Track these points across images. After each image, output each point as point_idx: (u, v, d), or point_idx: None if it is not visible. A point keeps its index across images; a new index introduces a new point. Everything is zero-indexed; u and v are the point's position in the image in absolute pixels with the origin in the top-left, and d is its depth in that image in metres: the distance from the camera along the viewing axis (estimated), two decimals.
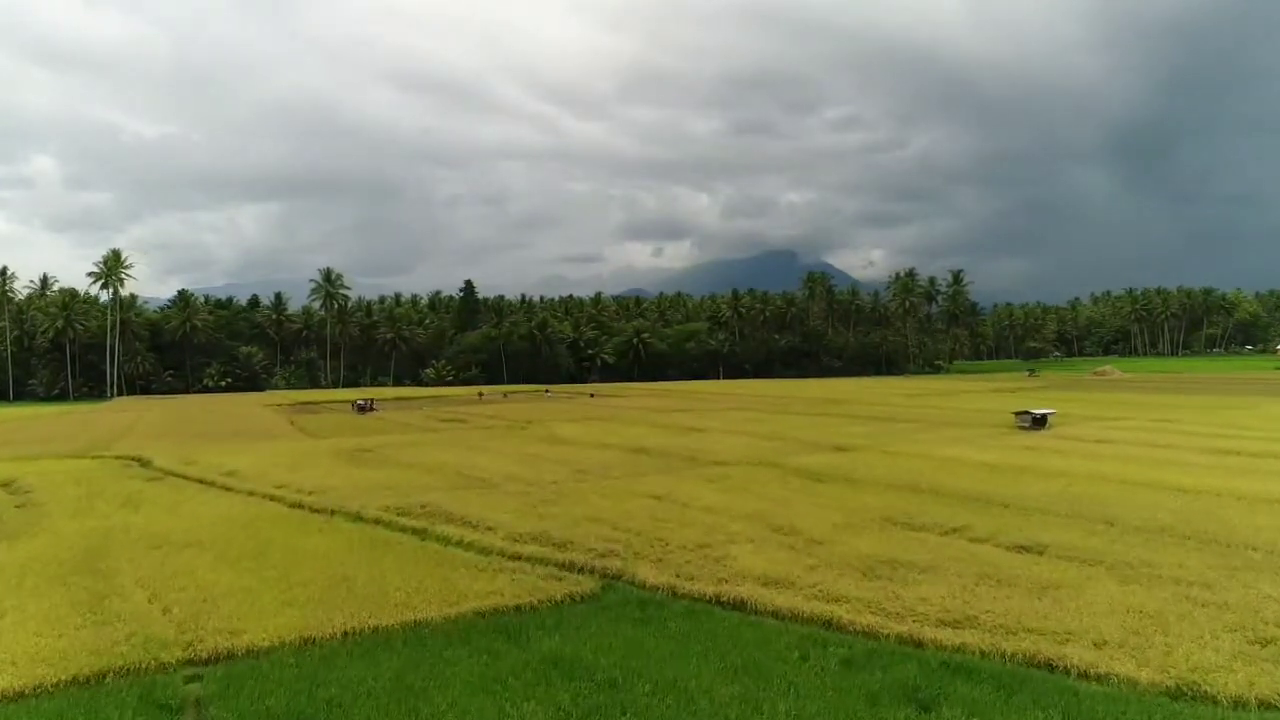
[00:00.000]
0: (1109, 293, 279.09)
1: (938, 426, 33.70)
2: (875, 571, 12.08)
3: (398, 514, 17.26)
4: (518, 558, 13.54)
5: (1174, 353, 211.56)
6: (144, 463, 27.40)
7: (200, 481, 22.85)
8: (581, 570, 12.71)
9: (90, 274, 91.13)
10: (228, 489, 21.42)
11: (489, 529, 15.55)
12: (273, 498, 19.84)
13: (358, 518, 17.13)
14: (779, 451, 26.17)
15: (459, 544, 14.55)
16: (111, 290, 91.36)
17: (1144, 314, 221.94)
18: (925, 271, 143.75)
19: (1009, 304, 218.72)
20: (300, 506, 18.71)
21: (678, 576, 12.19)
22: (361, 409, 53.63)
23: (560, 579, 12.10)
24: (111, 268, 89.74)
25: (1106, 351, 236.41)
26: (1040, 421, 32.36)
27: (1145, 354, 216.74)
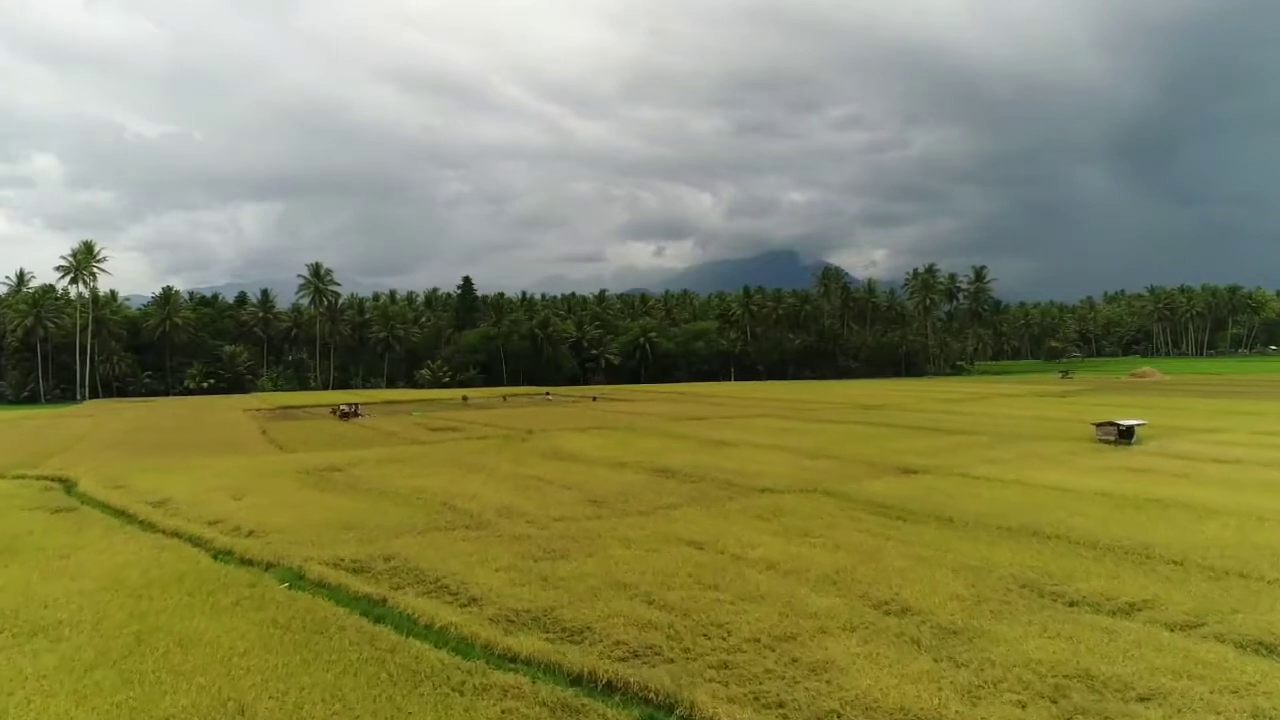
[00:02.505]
0: (1123, 291, 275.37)
1: (1006, 440, 29.39)
2: (1071, 698, 7.84)
3: (352, 571, 13.04)
4: (512, 659, 9.31)
5: (1199, 353, 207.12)
6: (68, 485, 23.23)
7: (121, 514, 18.66)
8: (609, 690, 8.47)
9: (59, 268, 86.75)
10: (148, 525, 17.22)
11: (472, 600, 11.32)
12: (198, 541, 15.63)
13: (298, 577, 12.91)
14: (834, 474, 21.89)
15: (426, 630, 10.32)
16: (84, 286, 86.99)
17: (1167, 313, 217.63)
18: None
19: (1022, 303, 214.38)
20: (228, 555, 14.51)
21: (762, 706, 7.94)
22: (344, 415, 49.44)
23: (577, 712, 7.84)
24: (82, 261, 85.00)
25: (1127, 351, 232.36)
26: (1127, 434, 28.07)
27: (1169, 354, 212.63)
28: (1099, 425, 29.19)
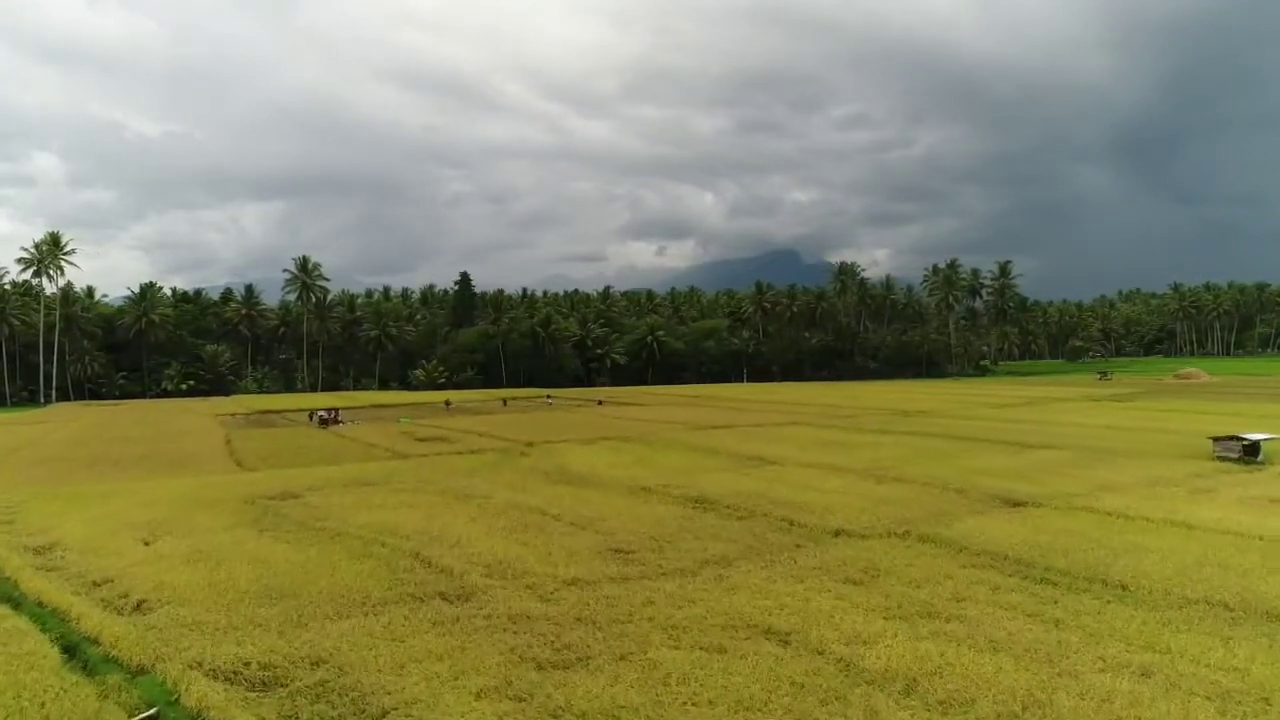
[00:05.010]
0: (1139, 290, 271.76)
1: (1102, 457, 24.88)
2: None
3: (257, 688, 8.63)
4: None
5: (1226, 353, 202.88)
6: None
7: None
8: None
9: (20, 260, 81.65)
10: (6, 588, 12.80)
11: None
12: (60, 617, 11.29)
13: (171, 699, 8.49)
14: (919, 508, 17.40)
15: None
16: (49, 280, 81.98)
17: (1192, 311, 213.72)
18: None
19: (1036, 301, 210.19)
20: (91, 646, 10.16)
21: None
22: (324, 421, 45.00)
23: None
24: (47, 254, 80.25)
25: (1149, 351, 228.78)
26: (1253, 450, 23.61)
27: (1193, 354, 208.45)
28: (1218, 440, 24.67)
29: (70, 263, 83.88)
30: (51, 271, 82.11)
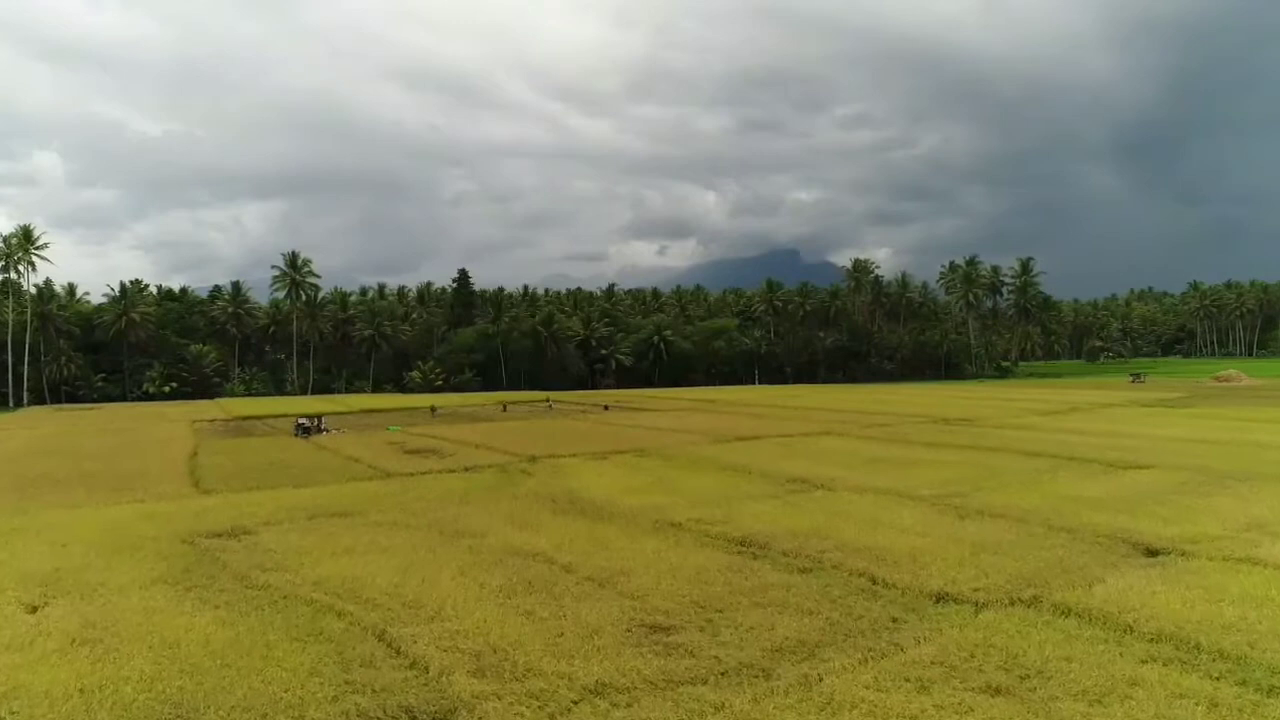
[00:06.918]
0: (1150, 288, 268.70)
1: (1216, 481, 21.26)
2: None
3: None
4: None
5: (1248, 353, 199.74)
6: None
7: None
8: None
9: None
10: None
11: None
12: None
13: None
14: (1028, 556, 13.83)
15: None
16: (17, 275, 78.43)
17: (1213, 310, 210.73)
18: (930, 270, 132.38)
19: (1050, 299, 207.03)
20: None
21: None
22: (305, 430, 41.48)
23: None
24: (16, 248, 76.69)
25: (1167, 351, 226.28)
26: None
27: (1214, 354, 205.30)
28: None
29: (42, 258, 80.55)
30: (21, 267, 78.63)
